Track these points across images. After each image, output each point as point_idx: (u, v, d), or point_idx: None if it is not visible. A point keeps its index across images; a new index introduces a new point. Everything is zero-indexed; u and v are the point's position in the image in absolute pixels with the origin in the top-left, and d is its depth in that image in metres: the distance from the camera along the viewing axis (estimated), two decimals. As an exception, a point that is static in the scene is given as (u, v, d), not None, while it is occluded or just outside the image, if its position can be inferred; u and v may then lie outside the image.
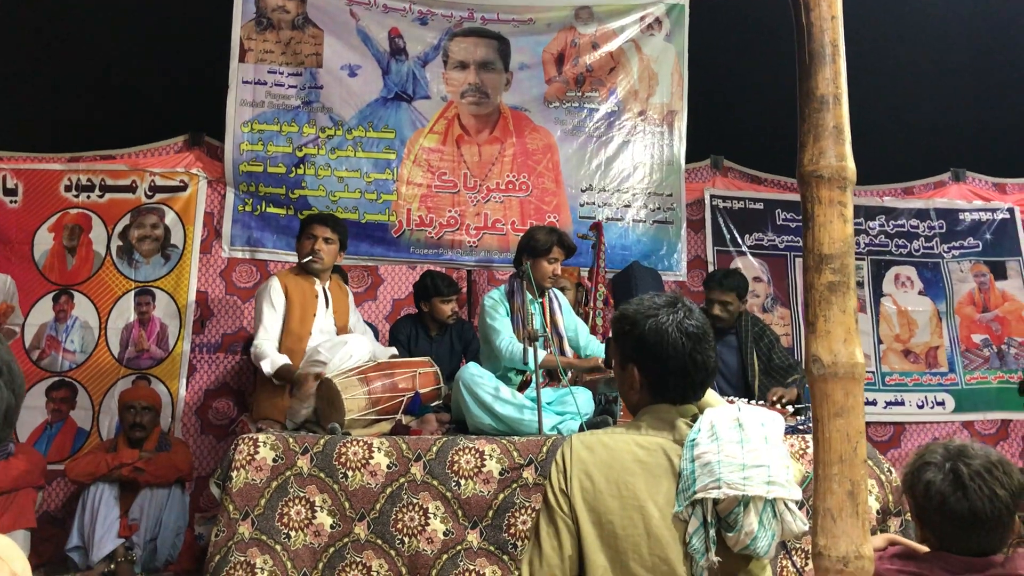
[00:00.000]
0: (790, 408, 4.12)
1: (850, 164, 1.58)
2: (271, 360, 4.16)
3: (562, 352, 4.28)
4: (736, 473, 1.79)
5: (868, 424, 3.67)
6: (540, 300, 4.29)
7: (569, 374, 4.10)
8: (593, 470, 1.90)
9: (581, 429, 3.63)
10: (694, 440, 1.88)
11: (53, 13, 5.39)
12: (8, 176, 5.51)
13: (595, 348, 4.42)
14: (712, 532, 1.80)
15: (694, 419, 1.97)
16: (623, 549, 1.83)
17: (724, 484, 1.78)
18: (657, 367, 2.02)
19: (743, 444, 1.84)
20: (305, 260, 4.43)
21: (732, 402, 2.76)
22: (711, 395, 2.18)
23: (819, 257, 1.56)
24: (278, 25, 5.73)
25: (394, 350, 4.63)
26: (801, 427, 3.91)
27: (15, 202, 5.50)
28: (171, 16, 5.68)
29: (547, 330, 4.11)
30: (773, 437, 1.88)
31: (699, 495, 1.79)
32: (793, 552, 3.34)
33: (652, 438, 1.94)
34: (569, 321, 4.43)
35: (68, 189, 5.55)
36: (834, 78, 1.59)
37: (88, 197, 5.55)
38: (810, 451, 3.57)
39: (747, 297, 5.14)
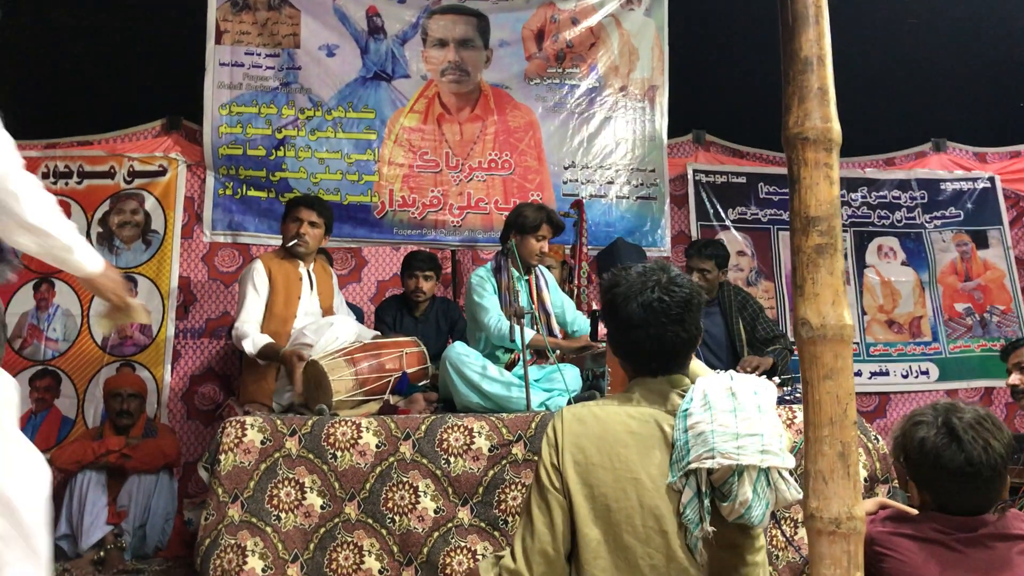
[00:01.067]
0: (776, 379, 4.13)
1: (835, 126, 1.58)
2: (252, 340, 4.13)
3: (550, 330, 4.28)
4: (730, 442, 1.80)
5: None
6: (527, 277, 4.28)
7: (557, 352, 4.10)
8: (585, 442, 1.90)
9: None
10: (687, 410, 1.88)
11: (25, -2, 5.30)
12: (-18, 163, 5.42)
13: (582, 324, 4.44)
14: (706, 502, 1.80)
15: (685, 390, 1.97)
16: (616, 521, 1.82)
17: (718, 454, 1.78)
18: (626, 342, 2.03)
19: (736, 413, 1.84)
20: (291, 244, 4.39)
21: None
22: (697, 365, 2.18)
23: (806, 219, 1.56)
24: (254, 6, 5.65)
25: (377, 333, 4.61)
26: (787, 398, 3.92)
27: (-9, 190, 5.42)
28: (145, -2, 5.60)
29: (534, 307, 4.11)
30: (766, 405, 1.89)
31: (693, 465, 1.80)
32: (782, 522, 3.36)
33: (644, 409, 1.93)
34: (556, 298, 4.43)
35: (46, 176, 5.48)
36: (818, 39, 1.58)
37: (66, 184, 5.49)
38: (798, 421, 3.60)
39: (728, 268, 5.15)
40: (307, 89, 5.70)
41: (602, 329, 3.88)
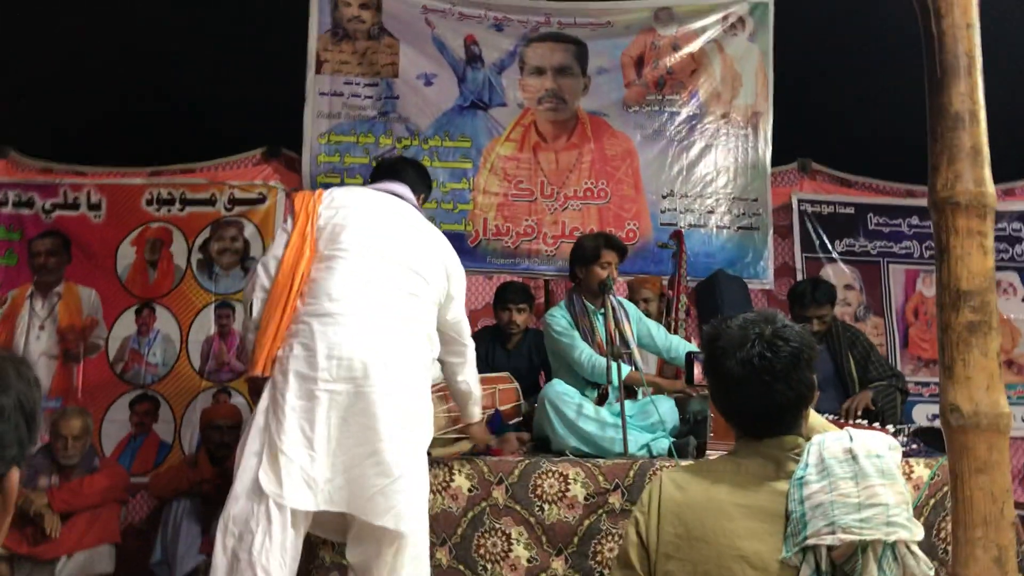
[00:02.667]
0: (890, 427, 3.88)
1: (990, 189, 1.41)
2: None
3: (633, 363, 4.09)
4: (852, 515, 1.62)
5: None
6: (601, 309, 4.13)
7: (650, 389, 3.96)
8: (686, 513, 1.75)
9: (670, 452, 3.48)
10: (802, 478, 1.70)
11: (132, 31, 5.44)
12: (92, 191, 5.59)
13: (680, 349, 4.22)
14: None
15: (800, 452, 1.80)
16: None
17: (839, 528, 1.60)
18: (726, 401, 1.87)
19: (857, 480, 1.65)
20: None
21: (835, 420, 2.57)
22: (817, 421, 2.00)
23: (956, 294, 1.40)
24: (354, 36, 5.69)
25: None
26: (903, 448, 3.67)
27: (99, 217, 5.58)
28: (247, 29, 5.69)
29: (611, 338, 3.92)
30: (889, 468, 1.68)
31: (811, 541, 1.62)
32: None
33: (752, 475, 1.78)
34: (640, 327, 4.25)
35: (149, 203, 5.61)
36: (970, 92, 1.42)
37: (169, 211, 5.60)
38: (914, 476, 3.37)
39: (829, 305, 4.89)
40: (404, 118, 5.70)
41: (698, 372, 3.71)
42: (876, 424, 3.86)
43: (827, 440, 1.76)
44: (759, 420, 1.81)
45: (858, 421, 3.96)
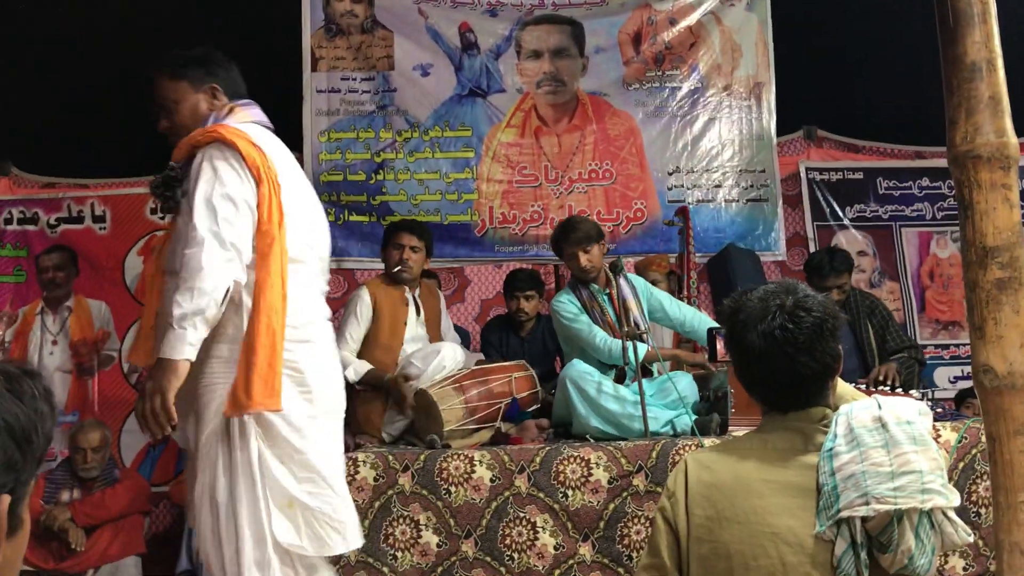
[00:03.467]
0: (914, 392, 3.83)
1: (1012, 139, 1.36)
2: (354, 368, 4.05)
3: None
4: (885, 484, 1.57)
5: None
6: (607, 290, 4.07)
7: (660, 365, 3.92)
8: (715, 494, 1.71)
9: (693, 432, 3.44)
10: (831, 450, 1.65)
11: (124, 38, 5.41)
12: (96, 203, 5.59)
13: (695, 321, 4.16)
14: (863, 554, 1.59)
15: (828, 424, 1.75)
16: None
17: (872, 499, 1.56)
18: (749, 376, 1.82)
19: (889, 448, 1.61)
20: (395, 271, 4.30)
21: (865, 389, 2.50)
22: (846, 389, 1.96)
23: (982, 250, 1.35)
24: (347, 30, 5.65)
25: (482, 356, 4.50)
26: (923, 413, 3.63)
27: (104, 228, 5.57)
28: (240, 30, 5.65)
29: (621, 319, 3.86)
30: (921, 434, 1.64)
31: (844, 513, 1.58)
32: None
33: (780, 450, 1.73)
34: (651, 301, 4.19)
35: (154, 212, 5.60)
36: (986, 40, 1.37)
37: (173, 218, 5.57)
38: (941, 440, 3.32)
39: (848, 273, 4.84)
40: (403, 111, 5.66)
41: (721, 348, 3.67)
42: (900, 390, 3.81)
43: (855, 409, 1.71)
44: (783, 393, 1.77)
45: (882, 388, 3.90)
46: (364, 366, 4.10)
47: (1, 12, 5.23)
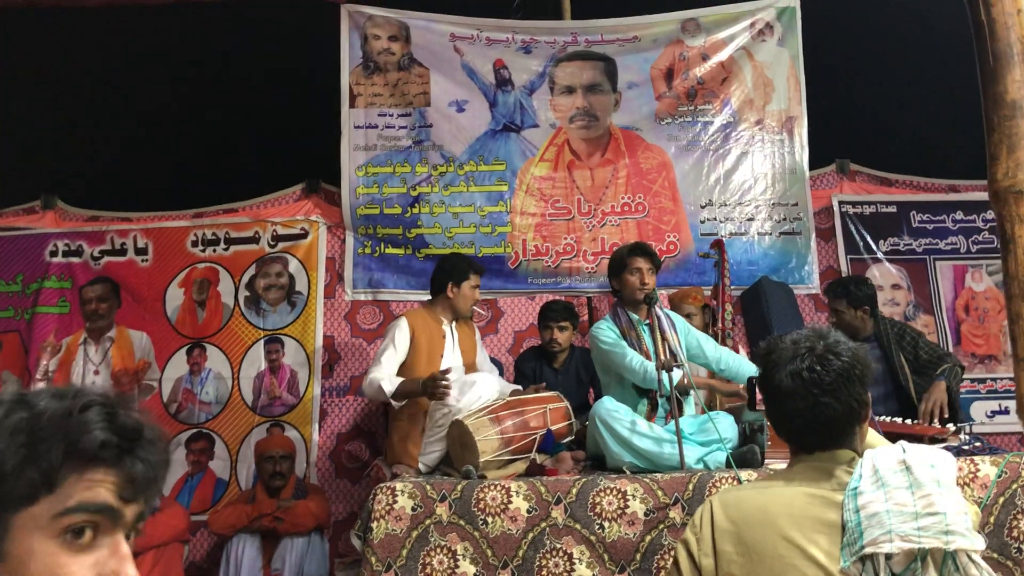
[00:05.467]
0: (951, 427, 3.81)
1: (1051, 175, 1.39)
2: (389, 379, 4.13)
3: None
4: (908, 523, 1.60)
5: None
6: (647, 321, 4.10)
7: (695, 395, 3.92)
8: (743, 530, 1.73)
9: (728, 464, 3.44)
10: (856, 488, 1.68)
11: (165, 75, 5.57)
12: (138, 236, 5.70)
13: (730, 361, 4.18)
14: None
15: (851, 463, 1.78)
16: None
17: (896, 536, 1.58)
18: (777, 414, 1.87)
19: (913, 489, 1.64)
20: (470, 310, 4.57)
21: (905, 426, 2.51)
22: (874, 437, 1.99)
23: None
24: (384, 68, 5.77)
25: (518, 387, 4.54)
26: (966, 447, 3.61)
27: (146, 261, 5.69)
28: (281, 68, 5.80)
29: (658, 350, 3.89)
30: (946, 479, 1.68)
31: (868, 549, 1.59)
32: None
33: (807, 489, 1.76)
34: (689, 339, 4.21)
35: (195, 244, 5.71)
36: (1024, 79, 1.41)
37: (214, 251, 5.69)
38: (980, 474, 3.30)
39: (872, 305, 4.77)
40: (439, 146, 5.76)
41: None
42: (950, 425, 3.80)
43: (879, 453, 1.76)
44: (808, 433, 1.81)
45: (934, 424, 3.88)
46: (396, 380, 4.17)
47: (46, 51, 5.40)
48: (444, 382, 3.88)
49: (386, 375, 4.19)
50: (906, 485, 1.65)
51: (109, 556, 0.99)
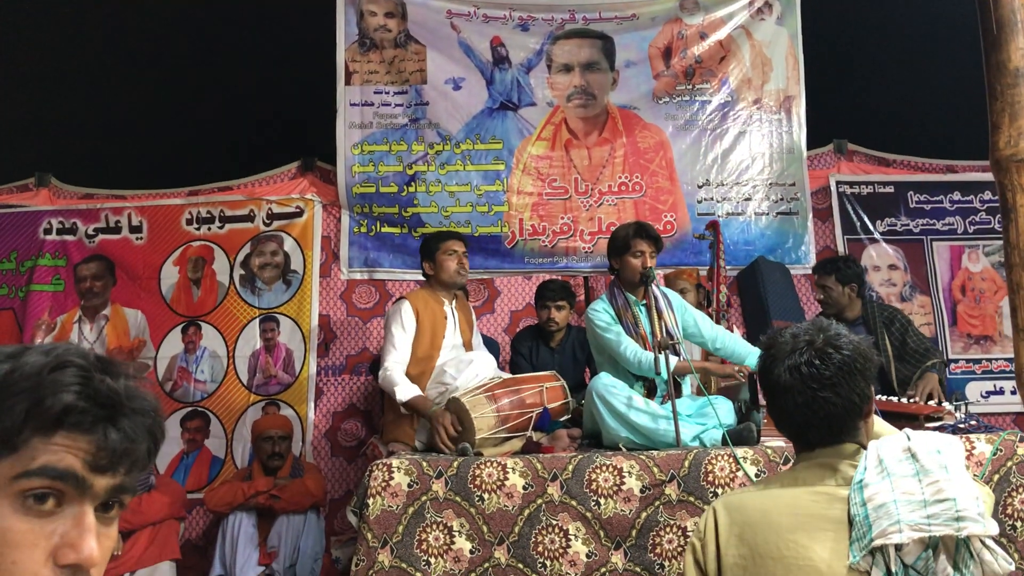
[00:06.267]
0: (947, 405, 3.82)
1: (1055, 144, 1.38)
2: (402, 388, 4.06)
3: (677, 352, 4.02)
4: (917, 512, 1.56)
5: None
6: (644, 301, 4.08)
7: (693, 378, 3.91)
8: (747, 533, 1.70)
9: (724, 441, 3.44)
10: (862, 481, 1.64)
11: (157, 53, 5.53)
12: (133, 214, 5.68)
13: (726, 340, 4.17)
14: None
15: (855, 457, 1.76)
16: None
17: (905, 526, 1.55)
18: (776, 409, 1.83)
19: (920, 477, 1.61)
20: (456, 277, 4.41)
21: (887, 413, 2.50)
22: (881, 426, 1.96)
23: (1025, 253, 1.37)
24: (381, 44, 5.73)
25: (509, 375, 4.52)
26: (962, 425, 3.61)
27: (140, 239, 5.66)
28: (276, 45, 5.76)
29: (655, 331, 3.86)
30: (953, 464, 1.64)
31: (878, 541, 1.56)
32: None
33: (810, 488, 1.72)
34: (686, 317, 4.18)
35: (189, 222, 5.68)
36: (1028, 47, 1.39)
37: (209, 229, 5.67)
38: (975, 453, 3.31)
39: (862, 283, 4.74)
40: (435, 124, 5.73)
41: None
42: (946, 404, 3.80)
43: (883, 442, 1.72)
44: (808, 430, 1.77)
45: (931, 403, 3.89)
46: (412, 391, 4.06)
47: (39, 30, 5.35)
48: (449, 434, 3.81)
49: (401, 378, 4.11)
50: (912, 473, 1.62)
51: (71, 527, 0.92)
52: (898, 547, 1.57)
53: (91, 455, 0.92)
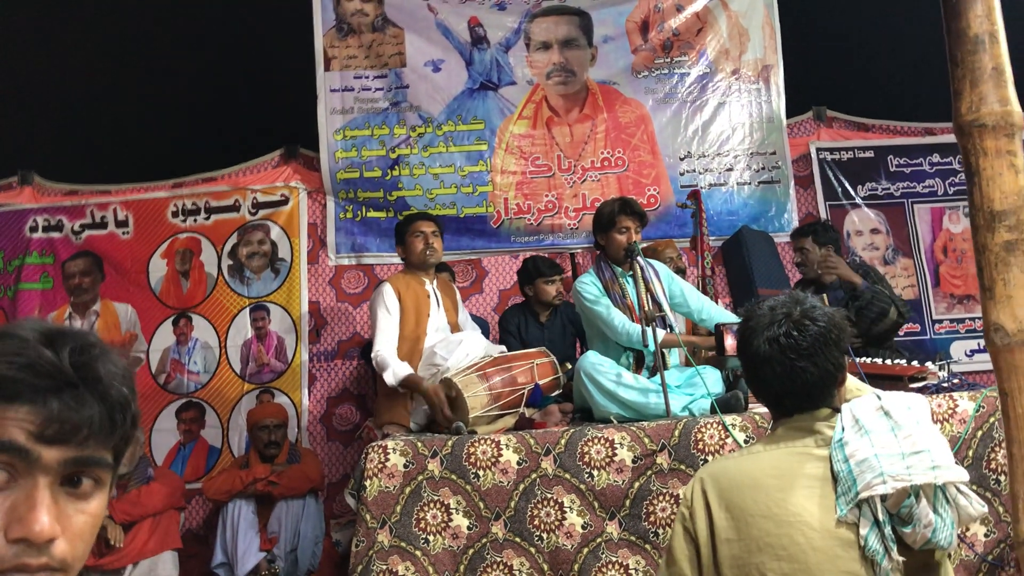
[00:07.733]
0: (930, 364, 3.88)
1: (1016, 108, 1.42)
2: (393, 371, 4.09)
3: (666, 324, 4.07)
4: (898, 463, 1.67)
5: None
6: (630, 273, 4.12)
7: (681, 351, 3.97)
8: (735, 496, 1.78)
9: (713, 410, 3.50)
10: (841, 439, 1.75)
11: (136, 45, 5.51)
12: (118, 208, 5.68)
13: (712, 311, 4.21)
14: (888, 530, 1.66)
15: (831, 419, 1.84)
16: (791, 572, 1.70)
17: (888, 477, 1.65)
18: (755, 380, 1.92)
19: (895, 432, 1.72)
20: (424, 257, 4.39)
21: (873, 375, 2.57)
22: (854, 383, 2.04)
23: (990, 215, 1.41)
24: (358, 29, 5.73)
25: (503, 347, 4.56)
26: (945, 384, 3.68)
27: (127, 233, 5.67)
28: (252, 33, 5.74)
29: (642, 302, 3.91)
30: (924, 419, 1.76)
31: (864, 494, 1.66)
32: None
33: (790, 448, 1.81)
34: (674, 288, 4.23)
35: (175, 215, 5.69)
36: (987, 14, 1.43)
37: (195, 221, 5.68)
38: (959, 410, 3.38)
39: (832, 244, 4.77)
40: (416, 106, 5.74)
41: (729, 343, 3.66)
42: (929, 363, 3.86)
43: (855, 404, 1.82)
44: (786, 398, 1.86)
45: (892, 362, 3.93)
46: (404, 370, 4.09)
47: (20, 26, 5.32)
48: (443, 407, 3.83)
49: (392, 360, 4.13)
50: (888, 429, 1.72)
51: (22, 500, 0.89)
52: (883, 498, 1.67)
53: (36, 426, 0.90)
